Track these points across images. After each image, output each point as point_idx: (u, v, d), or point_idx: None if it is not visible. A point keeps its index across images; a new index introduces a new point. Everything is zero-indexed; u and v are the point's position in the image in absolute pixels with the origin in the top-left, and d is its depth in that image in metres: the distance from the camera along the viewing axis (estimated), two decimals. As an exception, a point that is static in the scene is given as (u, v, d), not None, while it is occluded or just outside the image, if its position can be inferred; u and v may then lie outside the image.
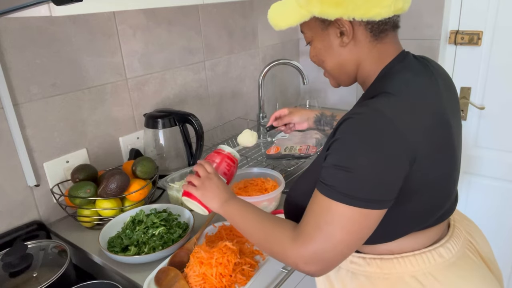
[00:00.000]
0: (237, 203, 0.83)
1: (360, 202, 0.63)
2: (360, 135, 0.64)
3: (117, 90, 1.30)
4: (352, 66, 0.77)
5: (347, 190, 0.64)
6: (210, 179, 0.87)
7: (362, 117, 0.64)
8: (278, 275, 0.92)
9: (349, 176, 0.64)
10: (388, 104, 0.65)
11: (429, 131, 0.68)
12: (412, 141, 0.65)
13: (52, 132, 1.15)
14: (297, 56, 2.12)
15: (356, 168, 0.63)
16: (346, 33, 0.73)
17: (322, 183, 0.67)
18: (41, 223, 1.14)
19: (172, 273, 0.88)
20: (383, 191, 0.65)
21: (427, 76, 0.74)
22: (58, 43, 1.12)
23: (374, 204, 0.64)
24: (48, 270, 0.90)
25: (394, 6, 0.69)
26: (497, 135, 1.67)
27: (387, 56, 0.75)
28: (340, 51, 0.76)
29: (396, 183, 0.65)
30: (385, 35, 0.74)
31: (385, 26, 0.72)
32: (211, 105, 1.66)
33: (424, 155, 0.67)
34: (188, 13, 1.47)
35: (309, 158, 1.37)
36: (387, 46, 0.74)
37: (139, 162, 1.18)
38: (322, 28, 0.75)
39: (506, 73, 1.58)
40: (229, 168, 0.94)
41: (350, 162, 0.64)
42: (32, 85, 1.09)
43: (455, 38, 1.64)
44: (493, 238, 0.90)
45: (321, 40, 0.77)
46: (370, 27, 0.72)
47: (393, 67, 0.73)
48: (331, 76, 0.84)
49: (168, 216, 1.06)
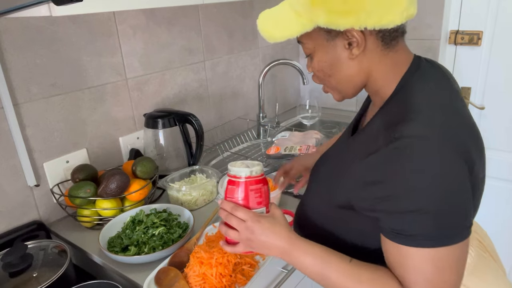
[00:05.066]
0: (306, 251, 0.68)
1: (457, 237, 0.58)
2: (418, 170, 0.57)
3: (117, 90, 1.30)
4: (362, 78, 0.70)
5: (437, 231, 0.58)
6: (252, 231, 0.70)
7: (413, 150, 0.57)
8: (278, 275, 0.92)
9: (431, 217, 0.57)
10: (430, 126, 0.59)
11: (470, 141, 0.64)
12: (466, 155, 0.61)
13: (52, 132, 1.15)
14: (297, 56, 2.12)
15: (433, 205, 0.57)
16: (356, 45, 0.65)
17: (401, 235, 0.59)
18: (41, 223, 1.14)
19: (172, 273, 0.88)
20: (467, 213, 0.60)
21: (446, 82, 0.71)
22: (58, 43, 1.12)
23: (467, 231, 0.60)
24: (48, 270, 0.90)
25: (407, 12, 0.64)
26: (497, 135, 1.67)
27: (401, 65, 0.69)
28: (348, 64, 0.68)
29: (471, 203, 0.62)
30: (396, 43, 0.68)
31: (396, 33, 0.67)
32: (211, 105, 1.66)
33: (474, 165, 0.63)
34: (188, 13, 1.47)
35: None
36: (399, 54, 0.69)
37: (139, 162, 1.18)
38: (328, 39, 0.67)
39: (506, 73, 1.58)
40: (260, 193, 0.73)
41: (423, 203, 0.57)
42: (32, 85, 1.09)
43: (455, 38, 1.64)
44: (493, 238, 0.90)
45: (326, 52, 0.68)
46: (381, 36, 0.66)
47: (410, 77, 0.68)
48: (335, 91, 0.75)
49: (168, 216, 1.06)
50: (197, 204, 1.19)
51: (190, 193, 1.17)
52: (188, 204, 1.17)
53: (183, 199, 1.17)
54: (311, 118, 1.71)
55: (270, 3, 0.76)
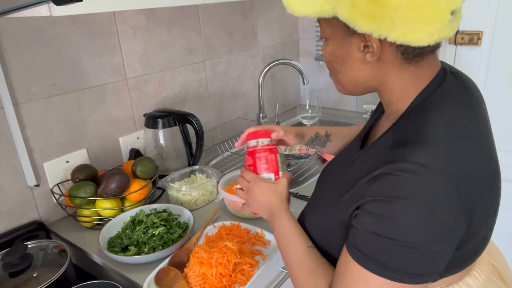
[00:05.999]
0: (281, 221, 0.74)
1: (406, 278, 0.53)
2: (409, 199, 0.52)
3: (117, 90, 1.30)
4: (373, 83, 0.64)
5: (391, 263, 0.53)
6: (252, 191, 0.79)
7: (409, 176, 0.52)
8: (278, 275, 0.92)
9: (395, 249, 0.53)
10: (437, 157, 0.53)
11: (484, 181, 0.59)
12: (470, 200, 0.55)
13: (52, 132, 1.15)
14: (297, 56, 2.12)
15: (405, 239, 0.52)
16: (371, 51, 0.59)
17: (357, 250, 0.56)
18: (41, 223, 1.14)
19: (172, 273, 0.88)
20: (436, 263, 0.54)
21: (472, 106, 0.63)
22: (58, 43, 1.12)
23: (423, 278, 0.54)
24: (48, 270, 0.90)
25: (438, 34, 0.55)
26: (497, 135, 1.66)
27: (422, 79, 0.62)
28: (360, 67, 0.63)
29: (450, 252, 0.56)
30: (421, 59, 0.60)
31: (421, 50, 0.59)
32: (211, 105, 1.66)
33: (480, 210, 0.57)
34: (188, 13, 1.47)
35: (309, 158, 1.37)
36: (422, 68, 0.61)
37: (139, 162, 1.18)
38: (345, 33, 0.61)
39: (506, 73, 1.58)
40: (266, 161, 0.82)
41: (396, 233, 0.52)
42: (32, 85, 1.09)
43: (455, 38, 1.64)
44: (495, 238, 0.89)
45: (340, 45, 0.63)
46: (402, 50, 0.59)
47: (430, 93, 0.61)
48: (340, 85, 0.70)
49: (168, 216, 1.06)
50: (197, 204, 1.19)
51: (190, 193, 1.17)
52: (188, 204, 1.18)
53: (183, 199, 1.17)
54: (311, 118, 1.71)
55: (270, 3, 0.76)
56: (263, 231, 1.02)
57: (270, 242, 0.99)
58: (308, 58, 2.09)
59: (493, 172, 0.63)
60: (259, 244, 0.98)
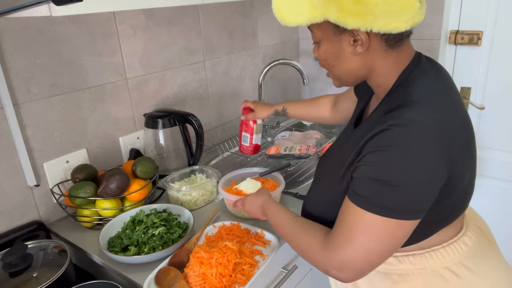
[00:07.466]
0: (270, 208, 0.89)
1: (397, 214, 0.64)
2: (400, 147, 0.63)
3: (117, 90, 1.30)
4: (364, 72, 0.76)
5: (384, 202, 0.64)
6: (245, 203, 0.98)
7: (400, 129, 0.64)
8: (278, 275, 0.92)
9: (387, 189, 0.64)
10: (423, 114, 0.65)
11: (462, 135, 0.70)
12: (452, 149, 0.66)
13: (52, 132, 1.15)
14: (297, 56, 2.12)
15: (395, 181, 0.63)
16: (361, 43, 0.71)
17: (355, 194, 0.67)
18: (41, 223, 1.14)
19: (172, 273, 0.88)
20: (421, 202, 0.66)
21: (443, 78, 0.76)
22: (58, 43, 1.12)
23: (411, 215, 0.65)
24: (48, 270, 0.90)
25: (412, 20, 0.68)
26: (497, 135, 1.67)
27: (403, 61, 0.74)
28: (352, 58, 0.74)
29: (435, 193, 0.67)
30: (400, 44, 0.73)
31: (400, 36, 0.72)
32: (211, 105, 1.66)
33: (460, 161, 0.68)
34: (188, 13, 1.47)
35: (309, 158, 1.37)
36: (402, 52, 0.74)
37: (139, 162, 1.18)
38: (335, 33, 0.72)
39: (506, 73, 1.58)
40: (247, 126, 1.32)
41: (389, 175, 0.64)
42: (32, 85, 1.09)
43: (455, 38, 1.64)
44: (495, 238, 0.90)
45: (332, 44, 0.74)
46: (386, 38, 0.71)
47: (410, 72, 0.73)
48: (336, 79, 0.81)
49: (168, 216, 1.06)
50: (197, 204, 1.19)
51: (190, 193, 1.17)
52: (188, 204, 1.18)
53: (183, 199, 1.17)
54: (311, 118, 1.71)
55: (270, 3, 0.76)
56: (263, 231, 1.02)
57: (270, 242, 0.99)
58: (308, 58, 2.09)
59: (468, 123, 0.75)
60: (259, 244, 0.98)
